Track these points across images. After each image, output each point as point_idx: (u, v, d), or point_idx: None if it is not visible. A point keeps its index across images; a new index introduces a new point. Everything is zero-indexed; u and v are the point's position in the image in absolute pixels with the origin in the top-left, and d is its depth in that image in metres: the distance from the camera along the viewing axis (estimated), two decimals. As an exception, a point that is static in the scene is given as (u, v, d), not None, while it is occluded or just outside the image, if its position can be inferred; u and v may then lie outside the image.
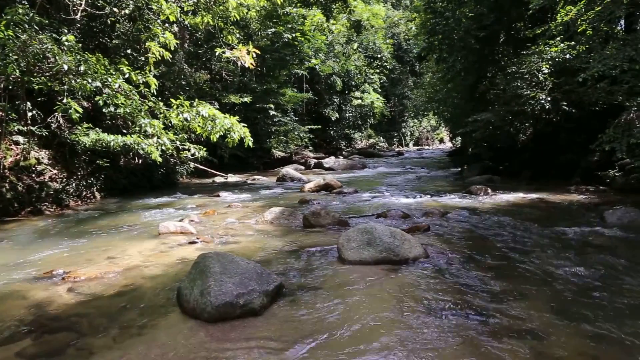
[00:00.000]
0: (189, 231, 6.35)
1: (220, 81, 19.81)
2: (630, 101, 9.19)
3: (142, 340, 3.03)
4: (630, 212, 6.52)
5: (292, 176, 14.77)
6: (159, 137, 8.32)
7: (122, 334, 3.14)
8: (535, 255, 4.84)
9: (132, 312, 3.52)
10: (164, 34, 8.60)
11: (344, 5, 22.57)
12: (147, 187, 12.38)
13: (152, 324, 3.29)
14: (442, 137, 52.15)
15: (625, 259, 4.60)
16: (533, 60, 11.45)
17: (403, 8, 44.37)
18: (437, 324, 3.15)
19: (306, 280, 4.17)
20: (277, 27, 19.76)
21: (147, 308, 3.61)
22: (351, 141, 35.65)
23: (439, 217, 7.06)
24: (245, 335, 3.05)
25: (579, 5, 9.74)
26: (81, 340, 3.06)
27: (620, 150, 7.83)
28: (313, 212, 6.71)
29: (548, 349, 2.77)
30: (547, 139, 13.15)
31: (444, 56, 17.37)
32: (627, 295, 3.60)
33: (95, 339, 3.07)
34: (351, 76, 32.09)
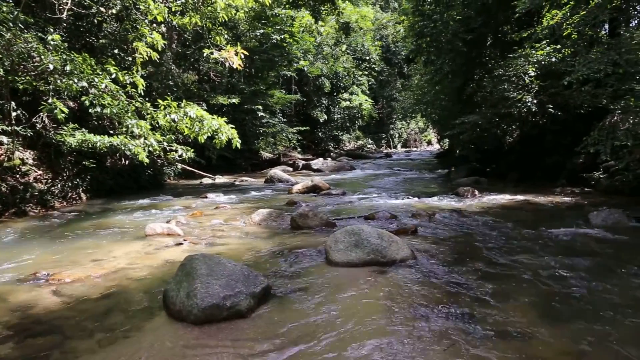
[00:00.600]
0: (175, 233, 6.30)
1: (208, 82, 19.74)
2: (615, 104, 9.30)
3: (127, 343, 3.01)
4: (615, 213, 6.60)
5: (280, 177, 14.75)
6: (146, 138, 8.26)
7: (107, 337, 3.11)
8: (521, 256, 4.88)
9: (117, 315, 3.49)
10: (151, 34, 8.53)
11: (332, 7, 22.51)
12: (133, 188, 12.28)
13: (138, 327, 3.26)
14: (430, 139, 52.43)
15: (610, 260, 4.67)
16: (519, 63, 11.56)
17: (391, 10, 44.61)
18: (424, 326, 3.16)
19: (293, 282, 4.16)
20: (265, 28, 19.75)
21: (133, 311, 3.58)
22: (339, 143, 35.69)
23: (427, 219, 7.09)
24: (231, 338, 3.04)
25: (565, 9, 9.87)
26: (65, 343, 3.02)
27: (605, 152, 7.93)
28: (301, 214, 6.71)
29: (534, 350, 2.80)
30: (533, 141, 13.28)
31: (431, 58, 17.46)
32: (611, 296, 3.65)
33: (79, 342, 3.04)
34: (340, 78, 32.16)
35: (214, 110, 16.05)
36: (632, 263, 4.48)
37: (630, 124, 7.78)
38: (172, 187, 13.90)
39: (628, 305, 3.46)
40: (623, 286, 3.87)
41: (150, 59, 8.73)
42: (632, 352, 2.75)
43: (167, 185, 14.44)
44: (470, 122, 12.70)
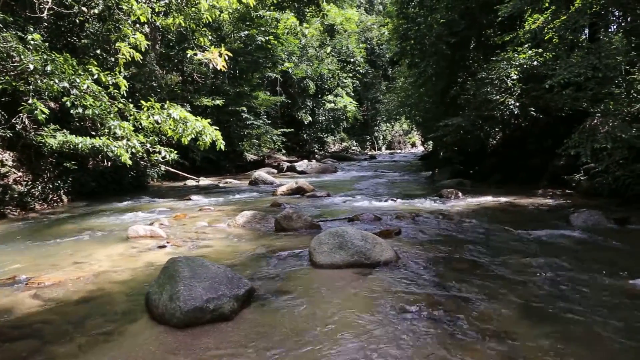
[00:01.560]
0: (159, 235, 6.25)
1: (192, 83, 19.63)
2: (595, 107, 9.47)
3: (108, 348, 2.97)
4: (594, 215, 6.71)
5: (265, 179, 14.70)
6: (129, 139, 8.16)
7: (88, 341, 3.06)
8: (504, 257, 4.93)
9: (98, 319, 3.44)
10: (134, 35, 8.44)
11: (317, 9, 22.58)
12: (116, 190, 12.15)
13: (120, 331, 3.22)
14: (414, 141, 52.76)
15: (590, 260, 4.74)
16: (502, 67, 11.71)
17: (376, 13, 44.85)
18: (408, 327, 3.17)
19: (277, 284, 4.15)
20: (250, 29, 19.69)
21: (115, 314, 3.54)
22: (324, 145, 35.70)
23: (410, 221, 7.13)
24: (215, 341, 3.02)
25: (546, 14, 10.02)
26: (45, 348, 2.97)
27: (585, 154, 8.06)
28: (285, 216, 6.70)
29: (516, 350, 2.83)
30: (515, 143, 13.45)
31: (415, 61, 17.58)
32: (590, 296, 3.71)
33: (59, 346, 2.99)
34: (324, 80, 32.17)
35: (198, 112, 15.95)
36: (610, 264, 4.56)
37: (610, 127, 7.92)
38: (156, 189, 13.78)
39: (606, 305, 3.52)
40: (602, 286, 3.94)
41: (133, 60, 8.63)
42: (609, 352, 2.79)
43: (150, 187, 14.31)
44: (454, 124, 12.81)
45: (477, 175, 14.24)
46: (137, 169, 13.22)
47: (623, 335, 3.01)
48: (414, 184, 14.10)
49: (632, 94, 9.39)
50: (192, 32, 11.13)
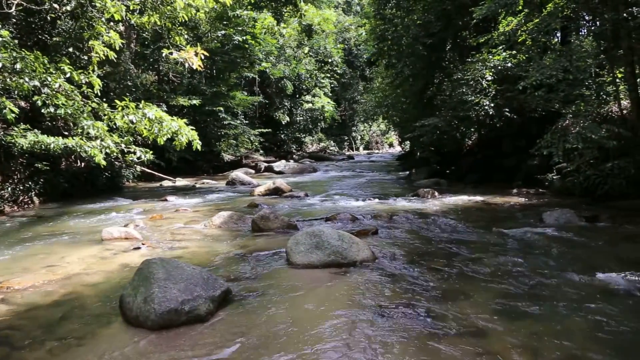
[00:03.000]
0: (134, 237, 6.16)
1: (168, 83, 19.40)
2: (566, 108, 9.69)
3: (81, 352, 2.91)
4: (566, 213, 6.87)
5: (242, 180, 14.62)
6: (103, 139, 8.01)
7: (59, 345, 3.00)
8: (479, 255, 5.01)
9: (71, 323, 3.37)
10: (108, 33, 8.30)
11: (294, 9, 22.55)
12: (90, 191, 11.91)
13: (93, 334, 3.17)
14: (391, 141, 53.11)
15: (561, 257, 4.85)
16: (477, 68, 11.88)
17: (354, 14, 44.98)
18: (384, 325, 3.19)
19: (254, 284, 4.13)
20: (227, 29, 19.55)
21: (88, 318, 3.47)
22: (302, 145, 35.66)
23: (387, 220, 7.18)
24: (190, 343, 2.99)
25: (519, 16, 10.19)
26: (14, 354, 2.90)
27: (557, 154, 8.22)
28: (262, 216, 6.67)
29: (490, 346, 2.87)
30: (491, 143, 13.66)
31: (393, 62, 17.70)
32: (562, 292, 3.79)
33: (29, 352, 2.92)
34: (302, 80, 32.14)
35: (174, 112, 15.78)
36: (581, 260, 4.67)
37: (580, 128, 8.10)
38: (131, 190, 13.57)
39: (577, 300, 3.60)
40: (573, 282, 4.03)
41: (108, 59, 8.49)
42: (580, 345, 2.86)
43: (125, 188, 14.08)
44: (431, 124, 12.94)
45: (453, 175, 14.41)
46: (112, 169, 13.00)
47: (592, 329, 3.09)
48: (392, 184, 14.20)
49: (601, 95, 9.65)
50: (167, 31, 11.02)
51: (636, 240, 5.62)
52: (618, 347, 2.85)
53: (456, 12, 13.64)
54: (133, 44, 17.41)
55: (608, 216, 6.93)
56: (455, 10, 13.64)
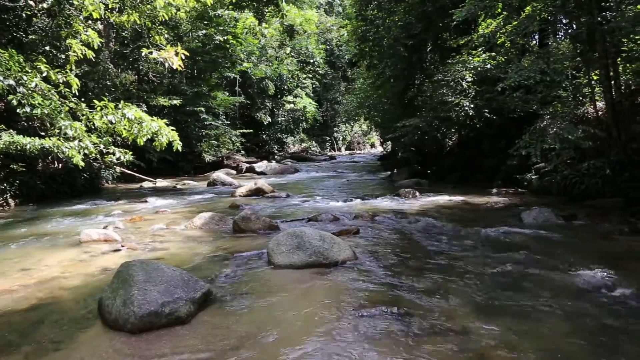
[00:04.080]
0: (113, 239, 6.08)
1: (148, 83, 19.18)
2: (544, 109, 9.87)
3: (58, 357, 2.86)
4: (544, 212, 6.99)
5: (223, 181, 14.54)
6: (81, 140, 7.89)
7: (35, 350, 2.94)
8: (459, 254, 5.06)
9: (47, 327, 3.31)
10: (86, 32, 8.18)
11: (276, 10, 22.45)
12: (68, 193, 11.72)
13: (70, 339, 3.11)
14: (373, 142, 53.31)
15: (539, 255, 4.92)
16: (457, 69, 12.01)
17: (335, 14, 45.05)
18: (366, 325, 3.20)
19: (235, 286, 4.11)
20: (208, 29, 19.41)
21: (65, 322, 3.41)
22: (284, 145, 35.61)
23: (369, 220, 7.21)
24: (170, 345, 2.96)
25: (498, 19, 10.35)
26: (-12, 359, 2.84)
27: (535, 155, 8.36)
28: (243, 217, 6.64)
29: (470, 344, 2.90)
30: (471, 144, 13.83)
31: (374, 63, 17.80)
32: (540, 290, 3.85)
33: (4, 357, 2.86)
34: (284, 80, 32.11)
35: (154, 112, 15.62)
36: (558, 258, 4.75)
37: (558, 129, 8.25)
38: (111, 192, 13.39)
39: (554, 297, 3.66)
40: (550, 280, 4.09)
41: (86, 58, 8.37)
42: (557, 341, 2.91)
43: (104, 189, 13.89)
44: (412, 125, 13.04)
45: (434, 175, 14.56)
46: (91, 170, 12.81)
47: (570, 325, 3.15)
48: (373, 184, 14.26)
49: (577, 97, 9.85)
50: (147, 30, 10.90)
51: (611, 238, 5.74)
52: (595, 342, 2.90)
53: (436, 14, 13.76)
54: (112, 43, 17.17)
55: (584, 215, 7.07)
56: (435, 12, 13.77)
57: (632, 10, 7.50)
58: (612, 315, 3.32)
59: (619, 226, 6.19)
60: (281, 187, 12.75)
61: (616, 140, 8.28)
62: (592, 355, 2.77)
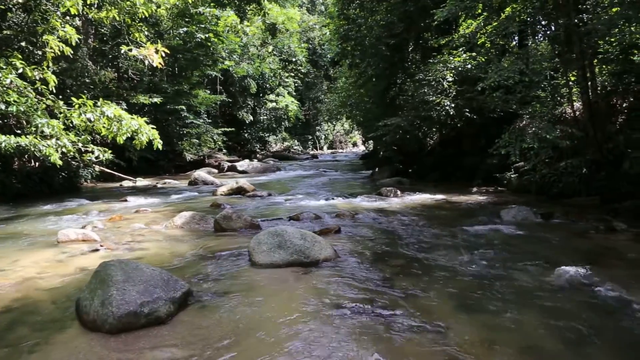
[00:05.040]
0: (91, 238, 5.98)
1: (128, 80, 18.93)
2: (523, 109, 10.01)
3: (34, 359, 2.81)
4: (523, 210, 7.11)
5: (205, 180, 14.44)
6: (59, 138, 7.77)
7: (10, 353, 2.88)
8: (440, 252, 5.11)
9: (23, 329, 3.24)
10: (64, 28, 8.06)
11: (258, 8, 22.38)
12: (45, 192, 11.52)
13: (47, 340, 3.05)
14: (355, 141, 53.51)
15: (518, 253, 5.00)
16: (438, 69, 12.11)
17: (318, 13, 45.07)
18: (346, 323, 3.21)
19: (216, 285, 4.09)
20: (189, 26, 19.24)
21: (42, 323, 3.35)
22: (266, 144, 35.53)
23: (350, 219, 7.23)
24: (150, 346, 2.93)
25: (479, 19, 10.46)
26: (-39, 361, 2.78)
27: (514, 154, 8.48)
28: (224, 216, 6.60)
29: (449, 340, 2.93)
30: (452, 143, 13.96)
31: (356, 62, 17.84)
32: (518, 287, 3.91)
33: (-22, 359, 2.80)
34: (266, 79, 32.03)
35: (134, 110, 15.43)
36: (536, 256, 4.83)
37: (536, 128, 8.38)
38: (89, 191, 13.19)
39: (532, 294, 3.73)
40: (528, 277, 4.16)
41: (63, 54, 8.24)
42: (534, 338, 2.96)
43: (83, 188, 13.68)
44: (393, 124, 13.10)
45: (415, 174, 14.65)
46: (69, 169, 12.59)
47: (546, 321, 3.20)
48: (355, 183, 14.31)
49: (556, 97, 10.01)
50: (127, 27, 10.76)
51: (587, 236, 5.85)
52: (569, 338, 2.96)
53: (418, 13, 13.86)
54: (91, 40, 16.91)
55: (562, 213, 7.19)
56: (417, 12, 13.86)
57: (608, 13, 7.65)
58: (588, 311, 3.39)
59: (595, 224, 6.31)
60: (263, 186, 12.71)
61: (592, 140, 8.44)
62: (567, 350, 2.82)
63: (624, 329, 3.11)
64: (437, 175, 13.52)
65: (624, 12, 7.14)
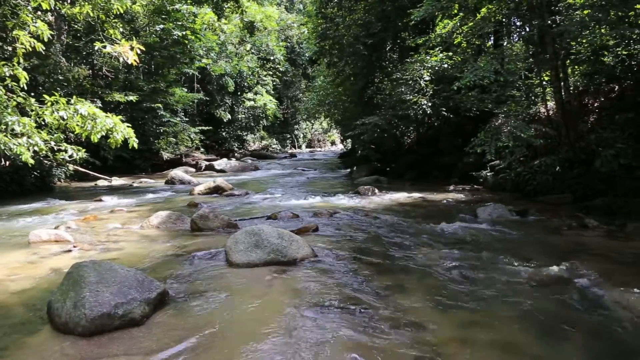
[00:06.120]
0: (64, 239, 5.86)
1: (103, 78, 18.59)
2: (498, 108, 10.16)
3: (3, 362, 2.74)
4: (498, 208, 7.22)
5: (182, 179, 14.29)
6: (30, 136, 7.59)
7: (-22, 357, 2.80)
8: (417, 251, 5.15)
9: (-8, 332, 3.16)
10: (35, 23, 7.87)
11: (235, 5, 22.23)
12: (17, 192, 11.23)
13: (17, 344, 2.97)
14: (333, 140, 53.63)
15: (494, 250, 5.07)
16: (415, 68, 12.20)
17: (296, 12, 44.97)
18: (324, 321, 3.21)
19: (192, 285, 4.04)
20: (166, 23, 18.97)
21: (12, 326, 3.26)
22: (244, 143, 35.31)
23: (328, 217, 7.24)
24: (124, 348, 2.88)
25: (455, 20, 10.57)
26: None
27: (490, 152, 8.59)
28: (201, 215, 6.54)
29: (425, 337, 2.96)
30: (429, 142, 14.10)
31: (334, 61, 17.86)
32: (494, 283, 3.96)
33: (-56, 365, 2.72)
34: (244, 77, 31.82)
35: (110, 108, 15.17)
36: (511, 253, 4.90)
37: (511, 127, 8.51)
38: (63, 190, 12.92)
39: (507, 290, 3.78)
40: (504, 274, 4.22)
41: (35, 50, 8.05)
42: (508, 334, 3.01)
43: (57, 188, 13.39)
44: (371, 123, 13.16)
45: (393, 173, 14.75)
46: (41, 168, 12.30)
47: (520, 318, 3.26)
48: (333, 182, 14.33)
49: (530, 97, 10.19)
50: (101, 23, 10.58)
51: (560, 233, 5.98)
52: (543, 334, 3.01)
53: (395, 13, 13.94)
54: (64, 36, 16.55)
55: (536, 210, 7.33)
56: (394, 11, 13.95)
57: (579, 15, 7.81)
58: (561, 306, 3.46)
59: (568, 221, 6.45)
60: (241, 185, 12.64)
61: (565, 138, 8.61)
62: (542, 346, 2.87)
63: (596, 323, 3.18)
64: (414, 173, 13.64)
65: (595, 15, 7.30)
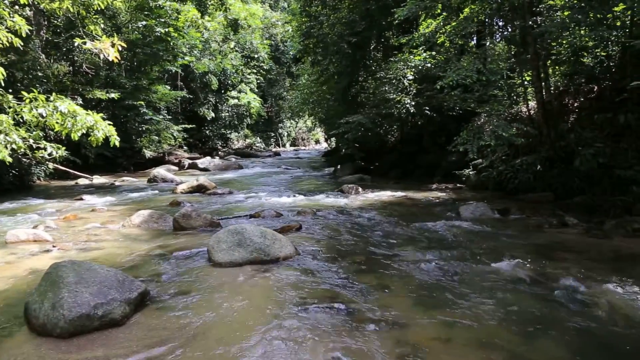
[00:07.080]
0: (43, 239, 5.76)
1: (84, 75, 18.30)
2: (481, 108, 10.25)
3: (-22, 365, 2.68)
4: (481, 206, 7.29)
5: (164, 177, 14.15)
6: (8, 134, 7.43)
7: (-48, 359, 2.74)
8: (399, 249, 5.17)
9: (-33, 334, 3.09)
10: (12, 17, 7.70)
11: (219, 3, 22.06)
12: (-6, 190, 11.02)
13: (-8, 346, 2.92)
14: (318, 138, 53.57)
15: (475, 248, 5.12)
16: (399, 67, 12.25)
17: (280, 10, 44.79)
18: (306, 320, 3.21)
19: (174, 285, 4.00)
20: (148, 20, 18.73)
21: (-13, 328, 3.20)
22: (227, 141, 35.10)
23: (311, 216, 7.23)
24: (104, 349, 2.84)
25: (438, 19, 10.63)
26: None
27: (472, 151, 8.67)
28: (184, 214, 6.48)
29: (407, 336, 2.98)
30: (412, 140, 14.16)
31: (318, 59, 17.85)
32: (476, 281, 4.00)
33: None
34: (227, 75, 31.62)
35: (91, 106, 14.95)
36: (493, 251, 4.96)
37: (493, 126, 8.59)
38: (43, 189, 12.70)
39: (487, 288, 3.82)
40: (485, 271, 4.26)
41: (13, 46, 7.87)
42: (489, 331, 3.03)
43: (36, 187, 13.16)
44: (355, 121, 13.18)
45: (377, 171, 14.80)
46: (20, 167, 12.06)
47: (501, 315, 3.29)
48: (317, 180, 14.32)
49: (512, 96, 10.30)
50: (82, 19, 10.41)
51: (541, 230, 6.06)
52: (524, 331, 3.05)
53: (379, 12, 13.98)
54: (43, 32, 16.25)
55: (517, 209, 7.41)
56: (378, 10, 13.98)
57: (560, 16, 7.92)
58: (541, 303, 3.50)
59: (549, 219, 6.54)
60: (224, 184, 12.56)
61: (546, 138, 8.72)
62: (521, 343, 2.91)
63: (574, 319, 3.23)
64: (398, 172, 13.69)
65: (575, 16, 7.41)
